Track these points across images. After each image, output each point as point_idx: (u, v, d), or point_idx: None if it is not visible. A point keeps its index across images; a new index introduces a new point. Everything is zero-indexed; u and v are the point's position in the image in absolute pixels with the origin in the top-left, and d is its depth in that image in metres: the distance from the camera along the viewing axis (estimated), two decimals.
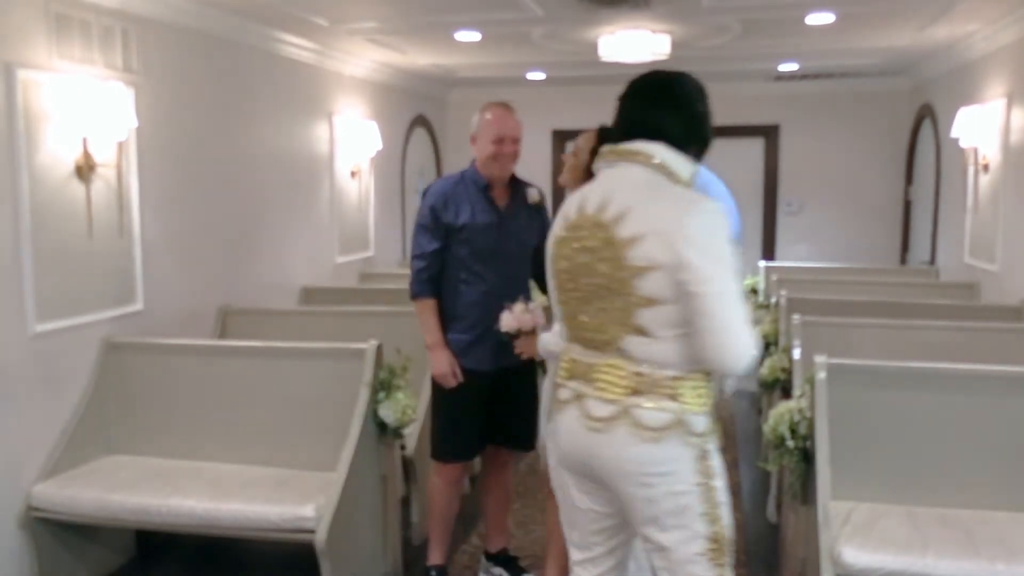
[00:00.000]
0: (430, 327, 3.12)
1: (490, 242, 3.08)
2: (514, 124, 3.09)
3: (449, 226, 3.06)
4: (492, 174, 3.10)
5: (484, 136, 3.05)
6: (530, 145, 7.82)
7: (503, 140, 3.05)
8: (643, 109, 2.00)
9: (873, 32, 5.07)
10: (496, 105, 3.12)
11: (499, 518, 3.42)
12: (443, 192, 3.10)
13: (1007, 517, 2.77)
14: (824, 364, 2.88)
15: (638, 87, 2.03)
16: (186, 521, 3.03)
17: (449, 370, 3.08)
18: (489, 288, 3.07)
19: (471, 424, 3.17)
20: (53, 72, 3.24)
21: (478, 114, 3.11)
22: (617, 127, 2.03)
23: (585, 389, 1.96)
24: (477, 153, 3.10)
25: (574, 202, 2.02)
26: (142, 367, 3.56)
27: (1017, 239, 4.47)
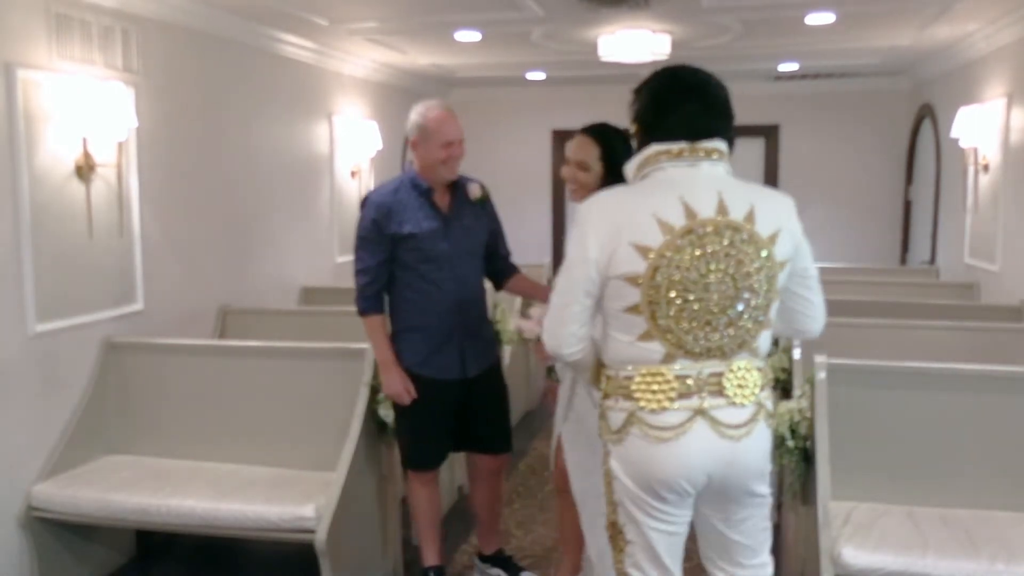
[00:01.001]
0: (380, 345, 3.02)
1: (438, 248, 2.97)
2: (459, 125, 2.97)
3: (394, 236, 2.94)
4: (439, 178, 2.98)
5: (432, 141, 2.91)
6: (530, 145, 7.91)
7: (453, 144, 2.93)
8: (705, 108, 1.96)
9: (873, 32, 5.07)
10: (437, 107, 2.96)
11: (493, 522, 3.37)
12: (383, 203, 2.96)
13: (1007, 517, 2.77)
14: (824, 364, 2.88)
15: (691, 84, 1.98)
16: (186, 521, 3.03)
17: (402, 388, 2.99)
18: (443, 295, 2.99)
19: (437, 433, 3.11)
20: (53, 72, 3.24)
21: (416, 117, 2.94)
22: (679, 125, 1.93)
23: (712, 402, 1.88)
24: (422, 158, 2.96)
25: (671, 206, 1.85)
26: (142, 367, 3.56)
27: (1017, 239, 4.47)
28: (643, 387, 1.89)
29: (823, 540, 2.60)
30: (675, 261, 1.84)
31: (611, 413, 1.97)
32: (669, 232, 1.84)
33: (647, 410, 1.89)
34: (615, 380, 1.95)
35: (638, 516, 1.96)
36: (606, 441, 2.01)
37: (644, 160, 1.96)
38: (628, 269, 1.85)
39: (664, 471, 1.89)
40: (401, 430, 3.15)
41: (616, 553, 2.04)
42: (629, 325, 1.90)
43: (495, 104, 7.83)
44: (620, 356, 1.94)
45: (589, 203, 1.98)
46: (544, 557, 3.58)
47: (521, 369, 5.49)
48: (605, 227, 1.88)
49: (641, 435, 1.90)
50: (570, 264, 1.95)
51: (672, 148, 1.92)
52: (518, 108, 7.86)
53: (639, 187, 1.96)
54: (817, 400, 2.84)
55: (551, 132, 7.85)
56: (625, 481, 1.95)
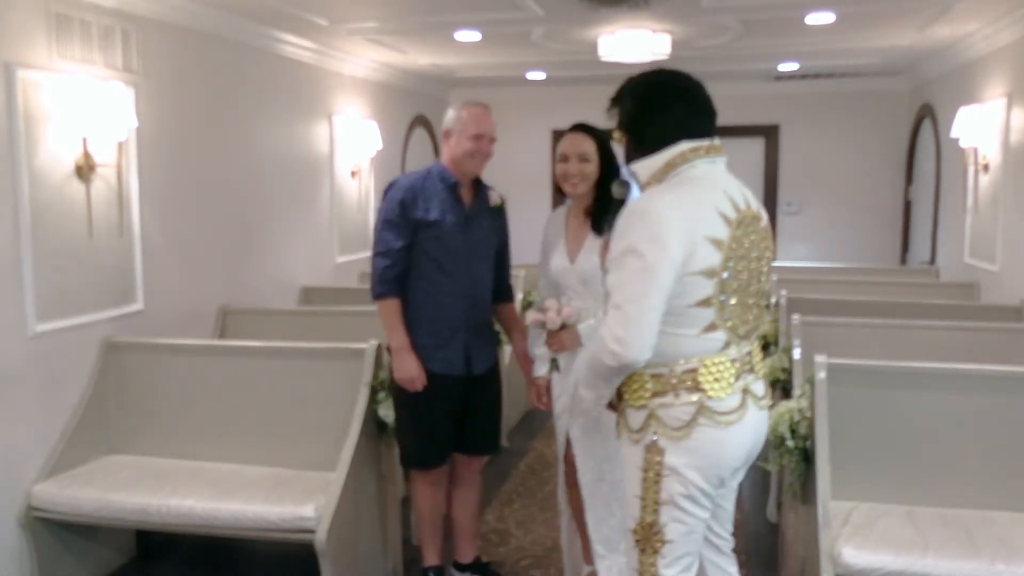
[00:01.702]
0: (396, 329, 2.99)
1: (457, 242, 2.99)
2: (493, 123, 3.04)
3: (419, 222, 2.94)
4: (466, 171, 3.02)
5: (463, 132, 2.97)
6: (530, 145, 7.91)
7: (482, 137, 2.98)
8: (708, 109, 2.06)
9: (873, 32, 5.07)
10: (475, 103, 3.05)
11: (473, 527, 3.33)
12: (412, 187, 2.98)
13: (1007, 517, 2.77)
14: (824, 364, 2.88)
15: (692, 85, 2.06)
16: (186, 521, 3.03)
17: (416, 374, 2.97)
18: (456, 288, 3.00)
19: (443, 430, 3.08)
20: (53, 72, 3.24)
21: (453, 111, 3.02)
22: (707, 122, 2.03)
23: (748, 379, 2.03)
24: (451, 149, 3.01)
25: (722, 200, 1.94)
26: (142, 367, 3.56)
27: (1017, 239, 4.47)
28: (709, 377, 1.95)
29: (823, 540, 2.60)
30: (738, 252, 1.94)
31: (671, 410, 1.96)
32: (729, 224, 1.93)
33: (715, 399, 1.95)
34: (671, 376, 1.96)
35: (690, 510, 1.99)
36: (659, 438, 1.97)
37: (675, 158, 1.97)
38: (706, 264, 1.90)
39: (734, 454, 2.00)
40: (404, 428, 3.12)
41: (646, 556, 2.02)
42: (695, 319, 1.94)
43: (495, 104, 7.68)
44: (680, 351, 1.96)
45: (650, 203, 1.94)
46: (544, 557, 3.58)
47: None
48: (683, 225, 1.88)
49: (711, 424, 1.95)
50: (650, 267, 1.86)
51: (703, 145, 1.99)
52: (518, 108, 7.86)
53: (682, 184, 1.96)
54: (817, 400, 2.84)
55: (551, 132, 7.85)
56: (689, 475, 1.96)
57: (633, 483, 2.03)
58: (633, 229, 1.90)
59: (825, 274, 5.95)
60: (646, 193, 2.00)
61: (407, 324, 3.01)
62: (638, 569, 2.04)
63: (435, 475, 3.16)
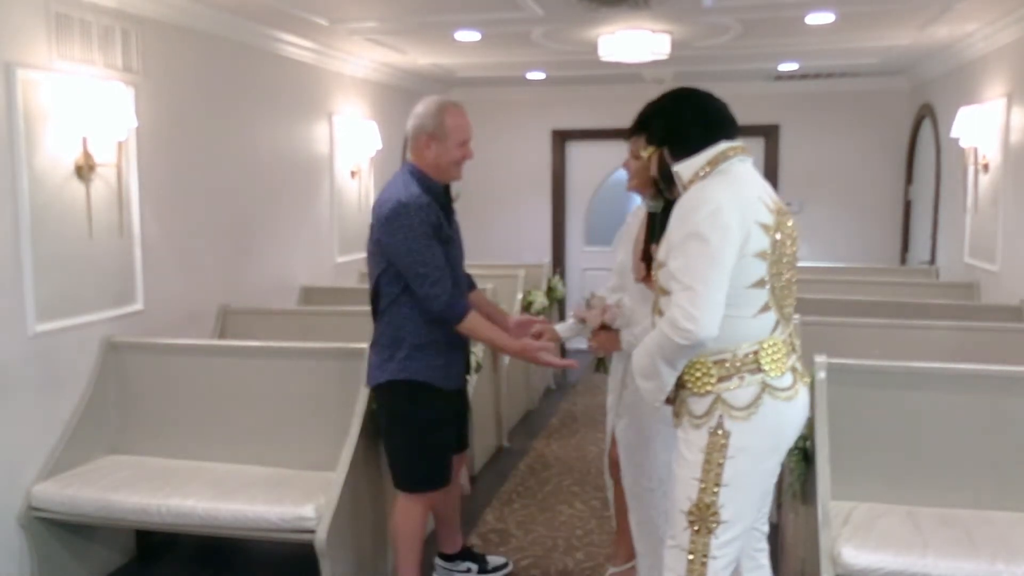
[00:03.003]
0: (491, 331, 2.91)
1: (455, 251, 2.94)
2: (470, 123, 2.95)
3: (439, 237, 2.81)
4: (448, 178, 2.93)
5: (451, 139, 2.85)
6: (530, 145, 7.91)
7: (467, 143, 2.90)
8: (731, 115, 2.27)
9: (873, 32, 5.07)
10: (451, 105, 2.90)
11: (457, 519, 3.35)
12: (430, 203, 2.82)
13: (1007, 517, 2.77)
14: (824, 364, 2.88)
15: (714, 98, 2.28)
16: (186, 521, 3.03)
17: (532, 345, 2.88)
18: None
19: (451, 445, 3.06)
20: (53, 72, 3.24)
21: (429, 114, 2.86)
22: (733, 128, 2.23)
23: (793, 358, 2.19)
24: (435, 156, 2.86)
25: (762, 191, 2.14)
26: (142, 367, 3.56)
27: (1017, 239, 4.47)
28: (769, 358, 2.10)
29: (823, 540, 2.60)
30: (781, 237, 2.11)
31: (736, 392, 2.09)
32: (772, 212, 2.11)
33: (775, 377, 2.10)
34: (734, 359, 2.10)
35: (750, 491, 2.13)
36: (724, 421, 2.09)
37: (717, 156, 2.16)
38: (759, 246, 2.07)
39: (794, 426, 2.17)
40: (411, 451, 2.97)
41: (700, 536, 2.11)
42: (750, 300, 2.09)
43: (495, 104, 7.83)
44: (740, 333, 2.10)
45: (709, 192, 2.09)
46: (544, 557, 3.58)
47: (521, 369, 5.49)
48: (738, 210, 2.05)
49: (774, 402, 2.10)
50: (714, 250, 2.02)
51: (738, 145, 2.20)
52: (518, 108, 7.86)
53: (726, 177, 2.14)
54: (817, 400, 2.83)
55: (551, 132, 7.85)
56: (756, 454, 2.10)
57: (693, 466, 2.13)
58: (695, 216, 2.06)
59: (825, 274, 5.95)
60: (698, 185, 2.15)
61: (417, 348, 2.88)
62: (688, 549, 2.13)
63: (439, 494, 3.08)
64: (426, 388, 2.91)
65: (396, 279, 2.85)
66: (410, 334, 2.88)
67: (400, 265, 2.81)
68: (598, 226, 8.00)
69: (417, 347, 2.89)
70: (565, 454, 4.93)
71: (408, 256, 2.77)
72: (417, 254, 2.76)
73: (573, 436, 5.27)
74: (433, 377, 2.91)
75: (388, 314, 2.91)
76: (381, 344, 2.95)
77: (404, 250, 2.77)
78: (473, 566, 3.34)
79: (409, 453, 2.99)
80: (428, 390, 2.91)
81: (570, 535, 3.79)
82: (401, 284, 2.84)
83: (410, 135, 2.92)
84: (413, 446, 2.97)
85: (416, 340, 2.88)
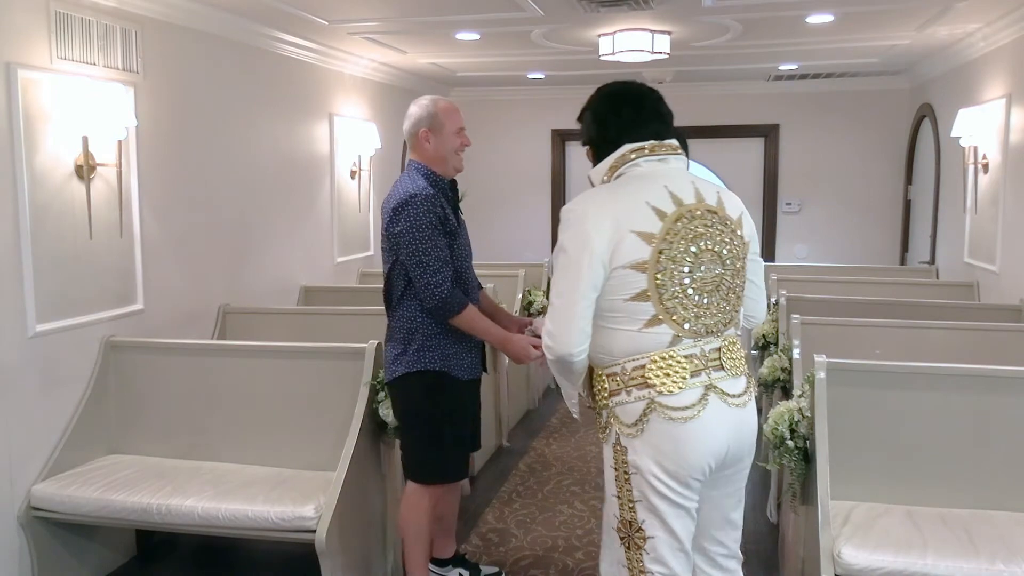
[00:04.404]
0: (489, 327, 2.92)
1: (463, 245, 2.96)
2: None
3: (446, 230, 2.85)
4: (451, 168, 2.94)
5: (446, 129, 2.89)
6: (530, 145, 7.91)
7: (463, 130, 2.94)
8: (657, 113, 2.15)
9: (873, 32, 5.07)
10: (443, 99, 2.96)
11: (453, 522, 3.34)
12: (435, 195, 2.84)
13: (1007, 517, 2.77)
14: (824, 364, 2.88)
15: (638, 93, 2.16)
16: (186, 521, 3.03)
17: (530, 345, 2.90)
18: (467, 292, 2.95)
19: (467, 436, 3.07)
20: (53, 72, 3.24)
21: (421, 111, 2.90)
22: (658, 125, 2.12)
23: (714, 376, 2.01)
24: (435, 149, 2.89)
25: (659, 194, 2.00)
26: (142, 367, 3.56)
27: (1017, 239, 4.47)
28: (658, 372, 1.98)
29: (823, 540, 2.60)
30: (674, 244, 1.98)
31: (625, 407, 2.02)
32: (663, 218, 1.98)
33: (665, 394, 1.97)
34: (623, 373, 2.01)
35: (662, 508, 2.01)
36: (620, 437, 2.04)
37: (617, 160, 2.09)
38: (634, 257, 1.96)
39: (699, 450, 1.97)
40: (433, 444, 2.96)
41: (632, 552, 2.06)
42: (635, 313, 1.98)
43: (495, 104, 7.83)
44: (627, 347, 2.01)
45: (579, 203, 2.05)
46: (544, 557, 3.58)
47: (521, 369, 5.49)
48: (605, 221, 1.97)
49: (662, 420, 1.97)
50: (571, 262, 1.98)
51: (644, 145, 2.08)
52: (518, 108, 7.86)
53: (621, 183, 2.08)
54: (817, 400, 2.83)
55: (551, 132, 7.85)
56: (651, 472, 1.99)
57: (609, 482, 2.09)
58: (563, 229, 2.03)
59: (825, 274, 5.95)
60: (579, 195, 2.10)
61: (430, 338, 2.90)
62: (626, 565, 2.08)
63: (455, 485, 3.10)
64: (442, 377, 2.92)
65: (405, 272, 2.88)
66: (422, 325, 2.90)
67: (403, 255, 2.83)
68: None
69: (430, 337, 2.90)
70: (565, 454, 4.93)
71: (411, 245, 2.79)
72: (420, 243, 2.79)
73: (573, 436, 5.27)
74: (448, 366, 2.92)
75: (400, 308, 2.94)
76: (395, 339, 2.98)
77: (407, 239, 2.80)
78: (465, 573, 3.32)
79: (424, 444, 2.98)
80: (444, 379, 2.92)
81: (570, 535, 3.79)
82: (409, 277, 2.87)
83: (408, 135, 2.97)
84: (429, 437, 2.96)
85: (428, 331, 2.90)
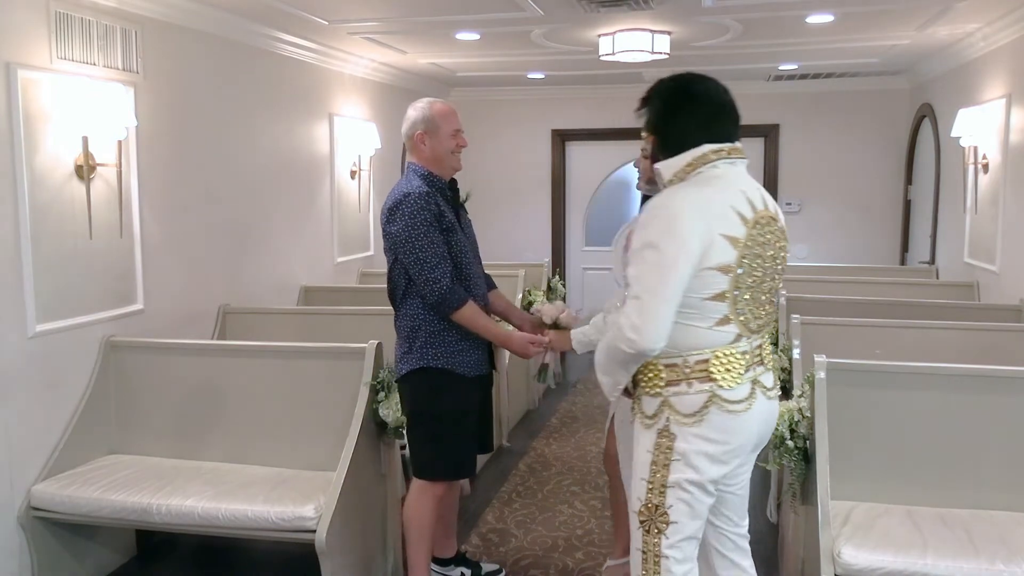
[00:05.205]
0: (489, 324, 2.94)
1: (463, 243, 2.96)
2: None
3: (443, 228, 2.87)
4: (449, 169, 2.97)
5: (442, 130, 2.91)
6: (530, 145, 7.91)
7: (460, 132, 2.97)
8: (733, 112, 2.17)
9: (873, 32, 5.07)
10: (439, 101, 2.98)
11: (453, 521, 3.34)
12: (430, 193, 2.86)
13: (1007, 517, 2.77)
14: (824, 364, 2.88)
15: (717, 90, 2.15)
16: (186, 521, 3.03)
17: (533, 340, 2.95)
18: (471, 291, 2.94)
19: (474, 434, 3.06)
20: (53, 72, 3.24)
21: (421, 112, 2.93)
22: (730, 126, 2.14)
23: (758, 370, 2.12)
24: (432, 150, 2.92)
25: (740, 200, 2.05)
26: (142, 367, 3.56)
27: (1017, 239, 4.47)
28: (720, 368, 2.05)
29: (823, 540, 2.60)
30: (752, 249, 2.03)
31: (683, 398, 2.07)
32: (745, 223, 2.03)
33: (725, 388, 2.05)
34: (684, 366, 2.06)
35: (695, 494, 2.09)
36: (670, 424, 2.08)
37: (697, 159, 2.08)
38: (721, 260, 2.00)
39: (742, 441, 2.09)
40: (443, 440, 2.96)
41: (650, 536, 2.11)
42: (709, 311, 2.04)
43: (495, 104, 7.83)
44: (693, 342, 2.06)
45: (671, 200, 2.04)
46: (544, 557, 3.58)
47: (521, 369, 5.49)
48: (699, 223, 1.99)
49: (720, 412, 2.05)
50: (666, 261, 1.97)
51: (724, 147, 2.10)
52: (518, 108, 7.86)
53: (701, 183, 2.06)
54: (817, 400, 2.84)
55: (551, 132, 7.85)
56: (697, 461, 2.06)
57: (642, 466, 2.13)
58: (653, 224, 2.02)
59: (825, 274, 5.95)
60: (667, 191, 2.09)
61: (435, 335, 2.91)
62: (642, 548, 2.13)
63: (456, 484, 3.12)
64: (446, 375, 2.92)
65: (406, 271, 2.90)
66: (425, 323, 2.92)
67: (401, 253, 2.86)
68: (598, 226, 8.00)
69: (433, 335, 2.92)
70: (565, 454, 4.93)
71: (408, 243, 2.82)
72: (416, 240, 2.81)
73: (573, 436, 5.28)
74: (453, 363, 2.93)
75: (403, 306, 2.96)
76: (400, 337, 3.00)
77: (404, 237, 2.82)
78: (467, 571, 3.32)
79: (430, 441, 2.98)
80: (449, 376, 2.93)
81: (570, 535, 3.79)
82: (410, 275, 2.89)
83: (405, 138, 3.00)
84: (436, 434, 2.97)
85: (432, 328, 2.91)
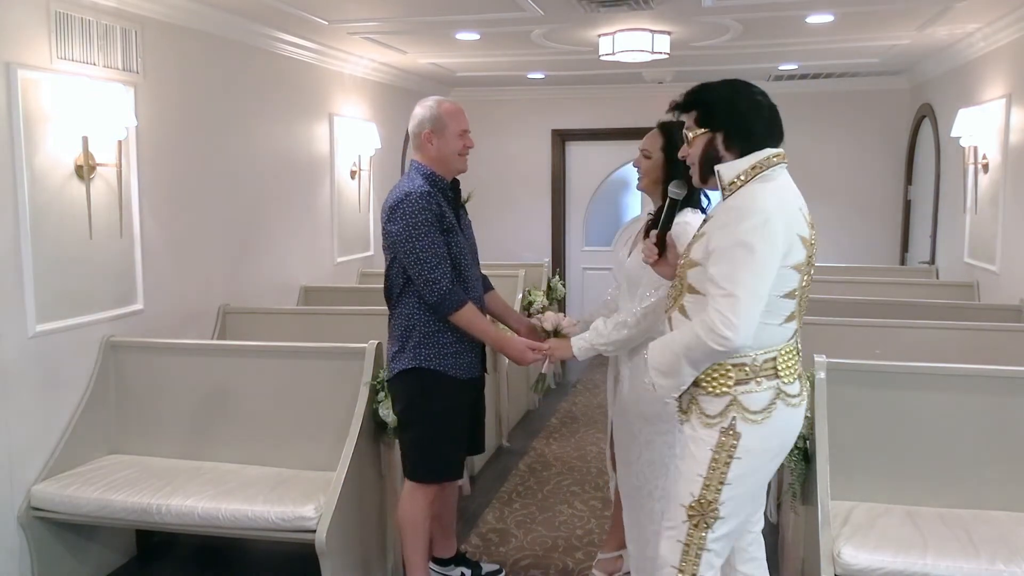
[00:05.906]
0: (487, 327, 2.93)
1: (463, 244, 2.95)
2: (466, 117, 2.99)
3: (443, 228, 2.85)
4: (454, 170, 2.94)
5: (449, 130, 2.88)
6: (530, 145, 7.91)
7: (467, 133, 2.94)
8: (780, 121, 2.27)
9: (873, 32, 5.07)
10: (448, 100, 2.95)
11: (452, 521, 3.34)
12: (430, 193, 2.83)
13: (1007, 517, 2.77)
14: (824, 364, 2.89)
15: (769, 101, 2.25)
16: (186, 521, 3.03)
17: (532, 346, 2.94)
18: (465, 292, 2.91)
19: (463, 436, 3.05)
20: (53, 72, 3.24)
21: (429, 110, 2.90)
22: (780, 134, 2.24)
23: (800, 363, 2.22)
24: (437, 150, 2.90)
25: (801, 201, 2.16)
26: (142, 367, 3.56)
27: (1017, 239, 4.47)
28: (783, 364, 2.13)
29: (823, 540, 2.60)
30: (813, 249, 2.14)
31: (752, 396, 2.11)
32: (809, 225, 2.14)
33: (788, 383, 2.14)
34: (753, 364, 2.11)
35: (755, 491, 2.20)
36: (737, 422, 2.10)
37: (761, 162, 2.16)
38: (797, 258, 2.09)
39: (796, 433, 2.20)
40: (432, 442, 2.96)
41: (698, 531, 2.14)
42: (781, 308, 2.11)
43: (495, 104, 7.83)
44: (763, 340, 2.10)
45: (761, 200, 2.07)
46: (544, 557, 3.58)
47: (521, 370, 5.49)
48: (780, 223, 2.06)
49: (785, 407, 2.13)
50: (761, 260, 2.01)
51: (780, 152, 2.21)
52: (518, 108, 7.86)
53: (775, 186, 2.14)
54: (817, 400, 2.84)
55: (551, 132, 7.85)
56: (764, 456, 2.14)
57: (700, 463, 2.14)
58: (743, 223, 2.05)
59: (825, 274, 5.93)
60: (746, 191, 2.13)
61: (428, 336, 2.90)
62: (685, 541, 2.16)
63: (451, 485, 3.12)
64: (438, 376, 2.91)
65: (404, 270, 2.89)
66: (419, 323, 2.90)
67: (400, 252, 2.84)
68: (598, 226, 8.01)
69: (427, 335, 2.90)
70: (565, 454, 4.93)
71: (407, 243, 2.80)
72: (416, 240, 2.79)
73: (573, 436, 5.28)
74: (445, 365, 2.91)
75: (399, 305, 2.95)
76: (394, 336, 2.99)
77: (404, 237, 2.80)
78: (467, 571, 3.32)
79: (420, 443, 2.97)
80: (440, 378, 2.91)
81: (570, 535, 3.79)
82: (408, 275, 2.87)
83: (412, 135, 2.97)
84: (424, 436, 2.96)
85: (426, 328, 2.90)
